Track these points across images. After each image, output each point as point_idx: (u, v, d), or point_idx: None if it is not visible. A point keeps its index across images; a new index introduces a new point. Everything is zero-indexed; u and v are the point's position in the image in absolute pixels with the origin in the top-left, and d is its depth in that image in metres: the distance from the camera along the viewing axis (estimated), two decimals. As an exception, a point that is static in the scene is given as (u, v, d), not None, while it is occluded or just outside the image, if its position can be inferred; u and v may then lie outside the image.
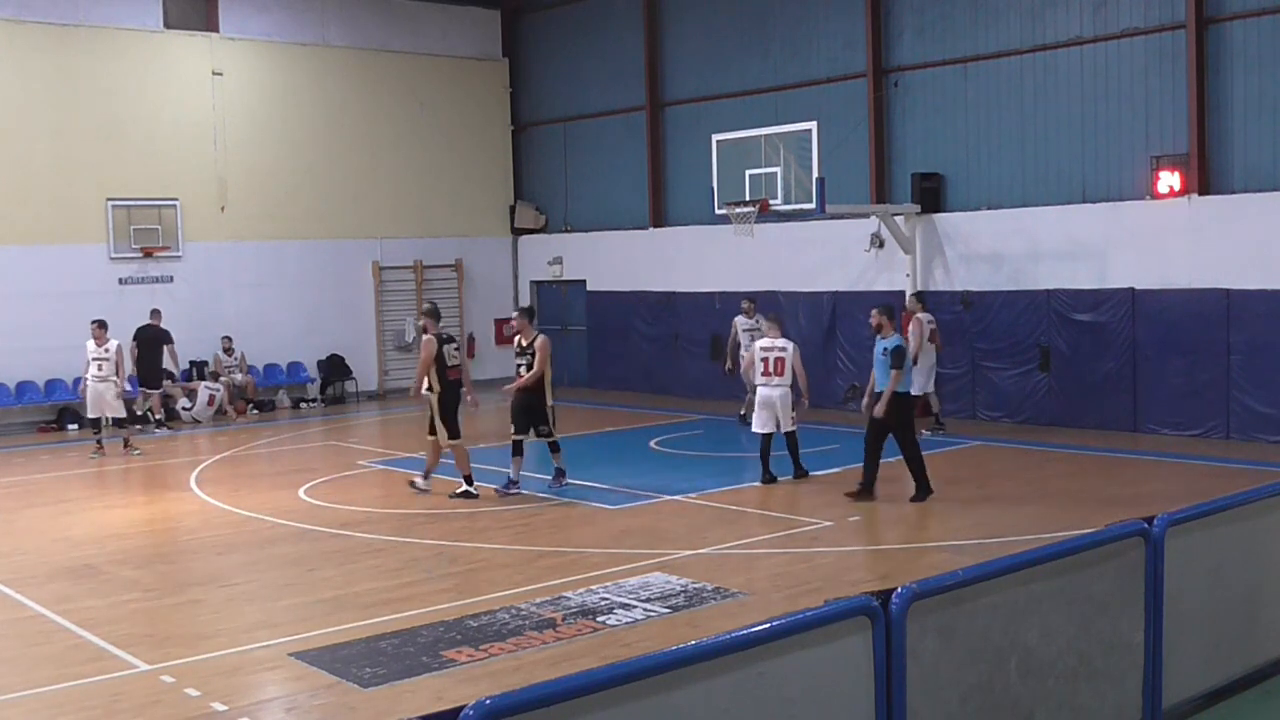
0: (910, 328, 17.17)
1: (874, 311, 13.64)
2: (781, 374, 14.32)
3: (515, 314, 15.40)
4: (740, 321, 18.99)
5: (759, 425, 14.55)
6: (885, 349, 13.16)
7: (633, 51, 24.95)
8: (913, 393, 14.30)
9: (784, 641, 4.61)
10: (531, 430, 14.37)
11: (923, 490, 13.24)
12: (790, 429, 14.50)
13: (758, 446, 14.57)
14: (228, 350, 23.17)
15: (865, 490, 13.34)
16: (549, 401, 14.43)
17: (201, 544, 12.40)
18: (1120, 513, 8.45)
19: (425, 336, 14.31)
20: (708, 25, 23.63)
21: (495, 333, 27.42)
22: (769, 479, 14.44)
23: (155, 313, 21.06)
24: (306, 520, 13.12)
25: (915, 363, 16.39)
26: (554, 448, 14.56)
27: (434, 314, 14.52)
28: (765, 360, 14.41)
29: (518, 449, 14.32)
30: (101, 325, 18.24)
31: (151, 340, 20.60)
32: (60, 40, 22.15)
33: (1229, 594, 6.95)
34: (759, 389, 14.53)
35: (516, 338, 14.64)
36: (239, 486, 15.51)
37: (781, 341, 14.50)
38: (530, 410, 14.34)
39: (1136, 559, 6.23)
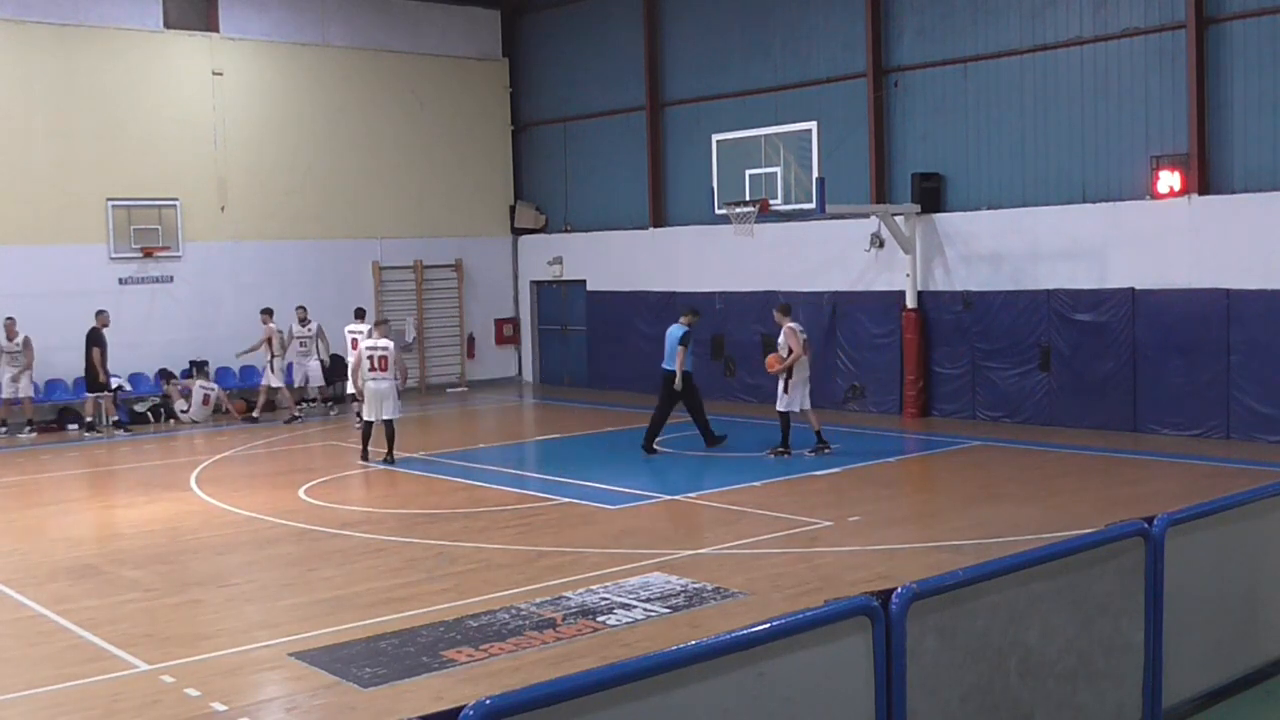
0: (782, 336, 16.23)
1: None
2: (385, 369, 16.51)
3: None
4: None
5: (369, 413, 16.65)
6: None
7: (633, 51, 24.95)
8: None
9: (784, 641, 4.61)
10: None
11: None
12: (390, 417, 16.53)
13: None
14: (303, 320, 22.34)
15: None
16: None
17: (201, 544, 12.40)
18: (1120, 513, 8.46)
19: None
20: (708, 25, 23.63)
21: (495, 333, 27.46)
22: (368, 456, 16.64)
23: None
24: (306, 520, 13.12)
25: (791, 375, 16.03)
26: None
27: None
28: (371, 358, 16.52)
29: None
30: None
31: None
32: (60, 40, 22.14)
33: (1229, 594, 6.95)
34: (369, 383, 16.50)
35: None
36: (239, 486, 15.51)
37: (384, 341, 16.72)
38: None
39: (1136, 559, 6.23)
